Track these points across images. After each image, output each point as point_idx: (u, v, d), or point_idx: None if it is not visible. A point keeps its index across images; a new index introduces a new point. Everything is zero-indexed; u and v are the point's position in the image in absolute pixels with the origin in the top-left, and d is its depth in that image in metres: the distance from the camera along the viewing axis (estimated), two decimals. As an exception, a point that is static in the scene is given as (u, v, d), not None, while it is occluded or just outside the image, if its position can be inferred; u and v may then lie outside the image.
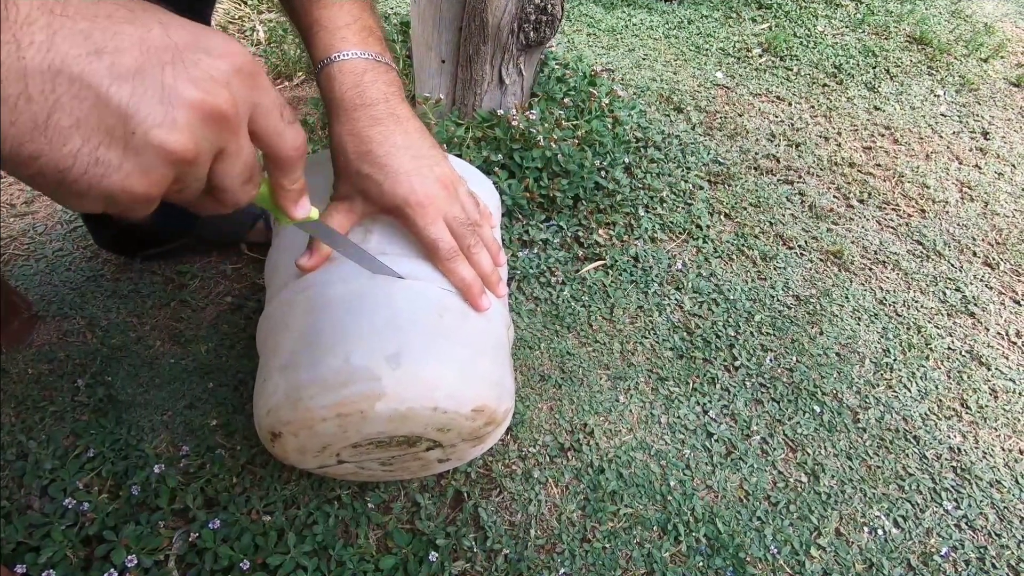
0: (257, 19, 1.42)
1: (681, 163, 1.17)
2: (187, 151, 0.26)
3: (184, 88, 0.26)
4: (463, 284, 0.52)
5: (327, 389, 0.47)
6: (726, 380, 0.83)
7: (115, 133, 0.24)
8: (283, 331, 0.51)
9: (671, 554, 0.65)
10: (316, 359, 0.48)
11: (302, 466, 0.56)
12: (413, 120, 0.52)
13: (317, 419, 0.48)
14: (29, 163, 0.24)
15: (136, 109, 0.24)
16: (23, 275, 0.80)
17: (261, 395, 0.51)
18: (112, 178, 0.25)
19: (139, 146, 0.25)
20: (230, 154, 0.29)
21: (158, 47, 0.25)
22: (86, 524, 0.59)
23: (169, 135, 0.25)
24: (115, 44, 0.24)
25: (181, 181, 0.28)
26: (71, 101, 0.23)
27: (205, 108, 0.26)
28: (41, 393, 0.69)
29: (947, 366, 0.90)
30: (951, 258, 1.09)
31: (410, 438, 0.53)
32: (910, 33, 1.79)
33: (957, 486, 0.76)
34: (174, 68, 0.25)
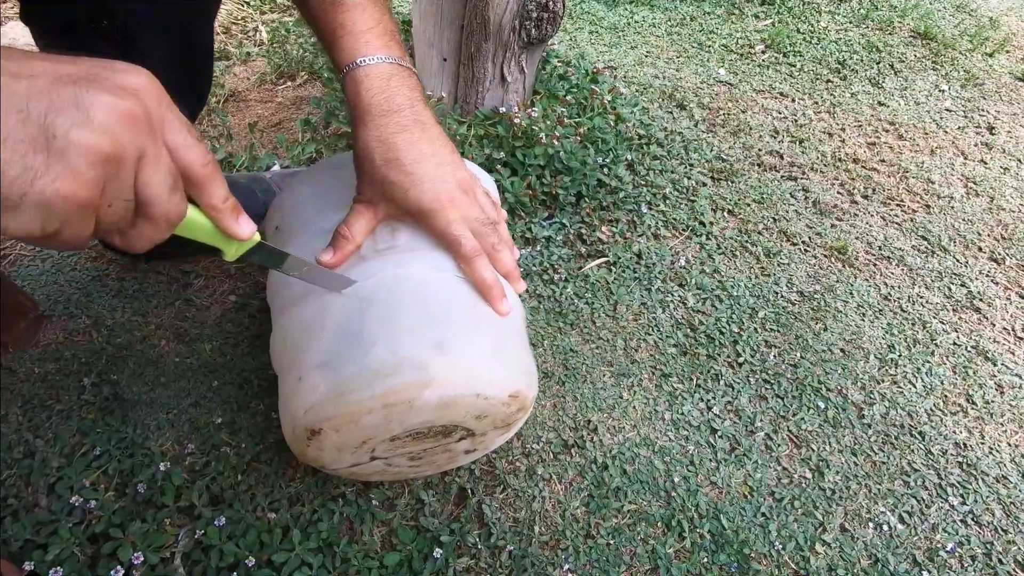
0: (260, 20, 1.42)
1: (684, 160, 1.17)
2: (107, 147, 0.28)
3: (96, 95, 0.28)
4: (485, 285, 0.53)
5: (375, 380, 0.47)
6: (730, 376, 0.82)
7: (37, 142, 0.26)
8: (317, 332, 0.51)
9: (675, 550, 0.65)
10: (361, 353, 0.48)
11: (333, 466, 0.56)
12: (436, 126, 0.53)
13: (363, 411, 0.48)
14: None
15: (54, 117, 0.27)
16: (29, 275, 0.81)
17: (296, 395, 0.50)
18: (42, 181, 0.27)
19: (61, 148, 0.27)
20: (151, 158, 0.30)
21: (69, 72, 0.28)
22: (93, 522, 0.59)
23: (88, 133, 0.27)
24: (30, 71, 0.27)
25: (109, 190, 0.29)
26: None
27: (120, 110, 0.28)
28: (47, 392, 0.69)
29: (952, 362, 0.90)
30: (956, 253, 1.09)
31: (447, 427, 0.54)
32: (914, 28, 1.78)
33: (963, 482, 0.76)
34: (87, 83, 0.28)
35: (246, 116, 1.14)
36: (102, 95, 0.28)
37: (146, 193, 0.31)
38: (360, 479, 0.63)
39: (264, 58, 1.29)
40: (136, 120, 0.29)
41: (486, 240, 0.54)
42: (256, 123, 1.10)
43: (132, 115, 0.29)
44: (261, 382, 0.72)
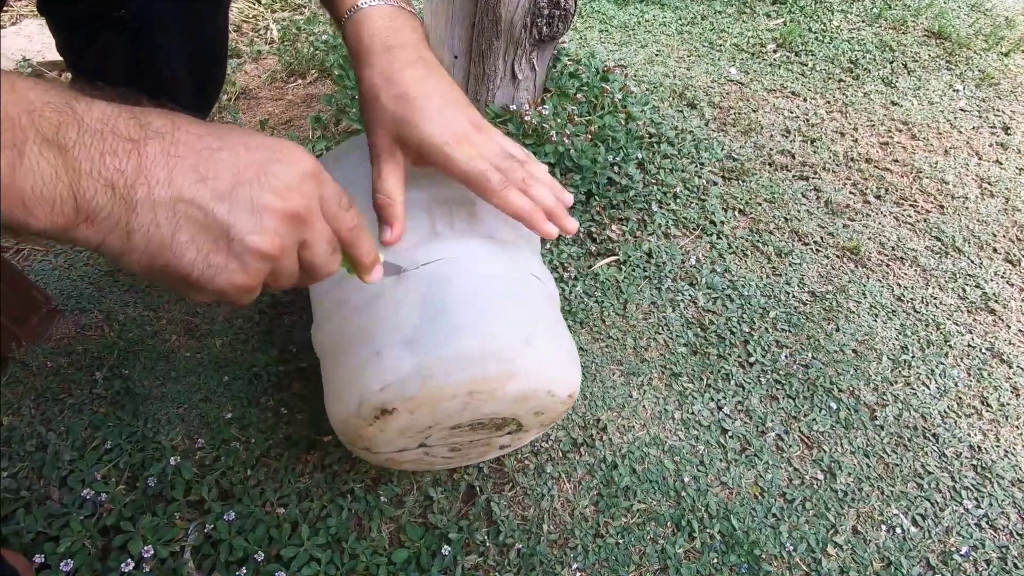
0: (271, 18, 1.43)
1: (695, 159, 1.16)
2: (274, 249, 0.32)
3: (268, 199, 0.32)
4: (523, 212, 0.48)
5: (465, 366, 0.47)
6: (740, 376, 0.82)
7: (219, 242, 0.31)
8: (396, 307, 0.49)
9: (685, 550, 0.65)
10: (450, 336, 0.47)
11: (382, 449, 0.53)
12: (440, 66, 0.51)
13: (447, 396, 0.48)
14: (162, 272, 0.31)
15: (233, 222, 0.31)
16: (42, 270, 0.81)
17: (371, 371, 0.48)
18: (221, 277, 0.31)
19: (238, 251, 0.31)
20: (311, 242, 0.35)
21: (245, 166, 0.32)
22: (104, 515, 0.60)
23: (260, 239, 0.32)
24: (214, 171, 0.31)
25: (275, 272, 0.34)
26: (186, 222, 0.30)
27: (286, 213, 0.32)
28: (60, 386, 0.69)
29: (967, 363, 0.89)
30: (971, 254, 1.07)
31: (506, 420, 0.54)
32: (928, 27, 1.76)
33: (978, 485, 0.75)
34: (259, 183, 0.32)
35: (257, 113, 1.14)
36: (273, 199, 0.32)
37: (310, 262, 0.36)
38: (392, 467, 0.61)
39: (275, 56, 1.29)
40: (299, 219, 0.33)
41: (514, 175, 0.49)
42: (267, 120, 1.11)
43: (296, 216, 0.33)
44: (270, 378, 0.73)
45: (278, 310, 0.80)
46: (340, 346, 0.52)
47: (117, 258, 0.30)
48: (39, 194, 0.26)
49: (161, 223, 0.29)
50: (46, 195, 0.26)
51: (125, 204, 0.28)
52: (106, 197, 0.28)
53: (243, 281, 0.32)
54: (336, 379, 0.52)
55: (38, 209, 0.26)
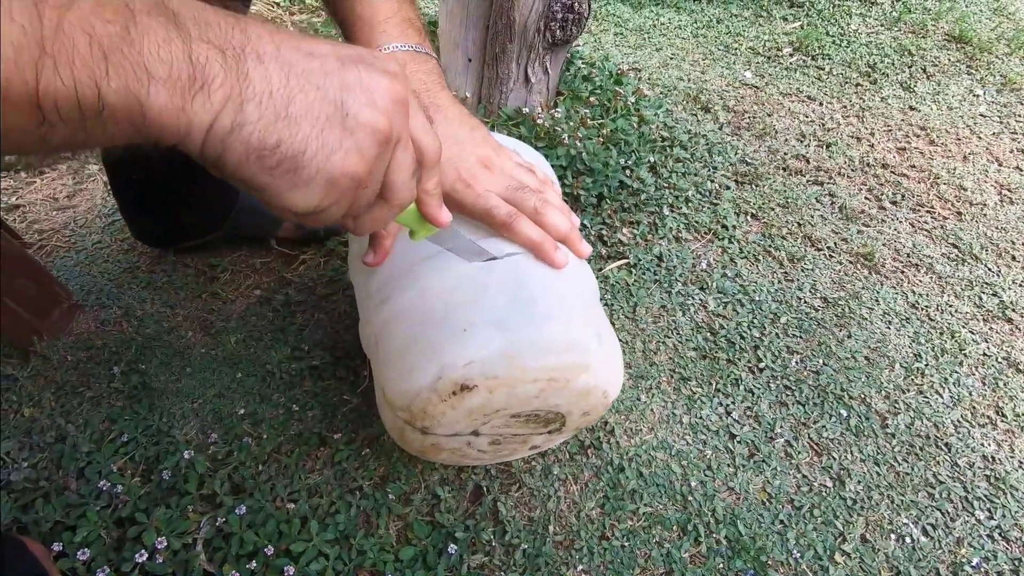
0: (288, 20, 1.45)
1: (708, 163, 1.16)
2: (387, 128, 0.30)
3: (378, 78, 0.31)
4: (531, 243, 0.51)
5: (549, 352, 0.48)
6: (750, 381, 0.81)
7: (333, 118, 0.29)
8: (483, 289, 0.50)
9: (691, 555, 0.65)
10: (538, 322, 0.48)
11: (440, 431, 0.53)
12: (454, 106, 0.53)
13: (528, 379, 0.49)
14: (273, 152, 0.28)
15: (346, 96, 0.29)
16: (64, 266, 0.83)
17: (458, 346, 0.48)
18: (335, 157, 0.29)
19: (352, 126, 0.29)
20: (404, 142, 0.33)
21: (348, 54, 0.31)
22: (119, 506, 0.61)
23: (374, 115, 0.30)
24: (320, 51, 0.30)
25: (375, 169, 0.31)
26: (299, 94, 0.28)
27: (394, 94, 0.31)
28: (79, 379, 0.71)
29: (982, 372, 0.88)
30: (988, 262, 1.06)
31: (558, 416, 0.56)
32: (949, 31, 1.74)
33: (990, 495, 0.74)
34: (366, 65, 0.31)
35: (274, 114, 1.16)
36: (382, 78, 0.31)
37: (394, 177, 0.33)
38: (428, 455, 0.60)
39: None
40: (403, 104, 0.32)
41: (526, 205, 0.51)
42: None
43: (402, 99, 0.32)
44: (283, 375, 0.74)
45: (291, 308, 0.81)
46: (415, 324, 0.51)
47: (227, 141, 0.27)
48: (157, 56, 0.24)
49: (275, 93, 0.28)
50: (163, 56, 0.24)
51: (237, 71, 0.27)
52: (218, 62, 0.26)
53: (355, 165, 0.30)
54: (405, 353, 0.51)
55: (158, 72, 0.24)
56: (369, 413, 0.71)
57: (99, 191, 0.96)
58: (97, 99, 0.23)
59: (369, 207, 0.34)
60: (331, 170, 0.29)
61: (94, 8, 0.23)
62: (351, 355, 0.76)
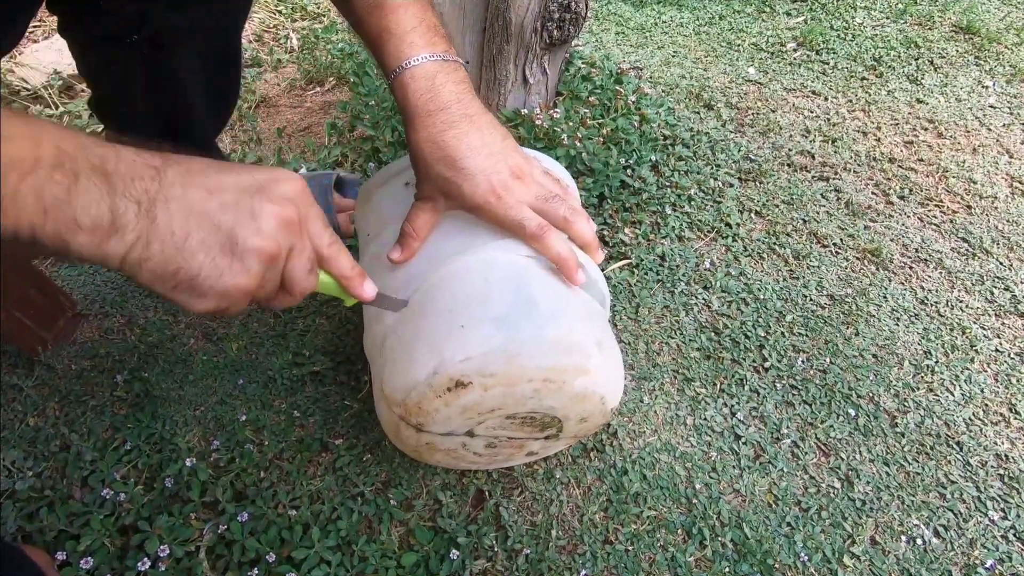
0: (291, 27, 1.45)
1: (710, 161, 1.15)
2: (272, 249, 0.37)
3: (267, 207, 0.37)
4: (560, 258, 0.52)
5: (549, 353, 0.49)
6: (755, 381, 0.80)
7: (225, 247, 0.36)
8: (484, 285, 0.51)
9: (696, 559, 0.64)
10: (539, 322, 0.49)
11: (435, 429, 0.53)
12: (484, 115, 0.53)
13: (524, 378, 0.49)
14: (172, 276, 0.35)
15: (237, 227, 0.36)
16: (68, 275, 0.84)
17: (456, 341, 0.48)
18: (225, 277, 0.36)
19: (241, 252, 0.36)
20: (297, 250, 0.39)
21: (248, 185, 0.37)
22: (123, 514, 0.61)
23: (260, 240, 0.36)
24: (220, 188, 0.36)
25: (267, 279, 0.38)
26: (196, 231, 0.35)
27: (282, 217, 0.38)
28: (83, 388, 0.72)
29: (994, 369, 0.86)
30: (1000, 256, 1.04)
31: (554, 421, 0.56)
32: (956, 22, 1.71)
33: (1004, 495, 0.72)
34: (259, 196, 0.37)
35: (276, 121, 1.16)
36: (270, 206, 0.37)
37: (291, 276, 0.40)
38: (422, 456, 0.60)
39: (295, 64, 1.32)
40: (291, 225, 0.38)
41: (555, 214, 0.53)
42: (285, 128, 1.13)
43: (289, 221, 0.38)
44: (284, 381, 0.74)
45: (292, 315, 0.81)
46: (420, 321, 0.52)
47: (137, 268, 0.34)
48: (88, 212, 0.31)
49: (176, 231, 0.34)
50: (92, 212, 0.31)
51: (148, 217, 0.33)
52: (133, 212, 0.33)
53: (244, 282, 0.36)
54: (407, 349, 0.51)
55: (85, 224, 0.31)
56: (370, 419, 0.71)
57: (103, 201, 0.96)
58: (32, 237, 0.30)
59: (273, 298, 0.41)
60: (223, 287, 0.36)
61: (49, 173, 0.30)
62: (352, 360, 0.76)
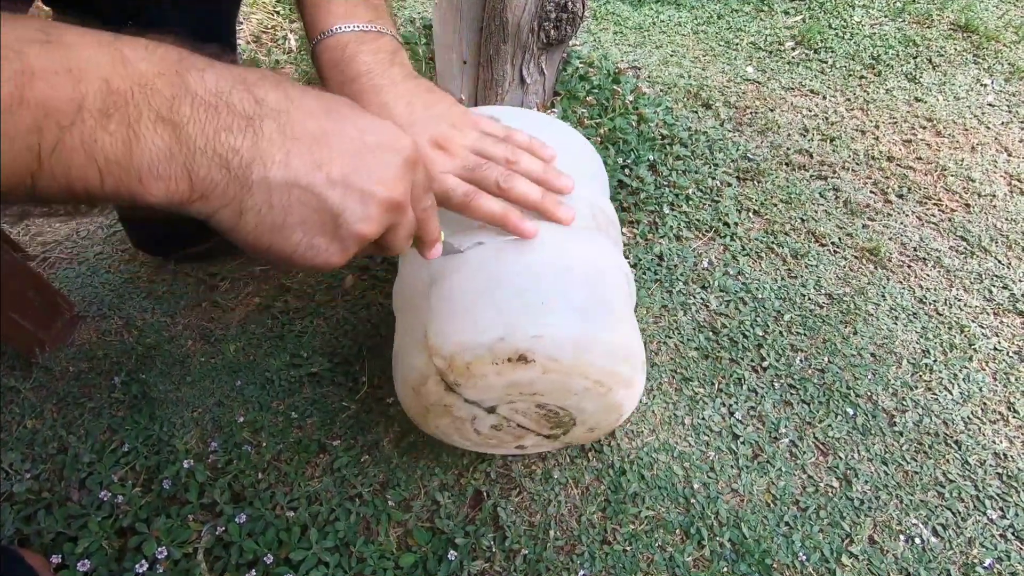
0: (289, 28, 1.45)
1: (708, 160, 1.14)
2: (374, 233, 0.34)
3: (377, 189, 0.33)
4: (493, 218, 0.48)
5: (611, 356, 0.50)
6: (753, 381, 0.80)
7: (327, 226, 0.32)
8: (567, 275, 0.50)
9: (694, 558, 0.64)
10: (614, 325, 0.50)
11: (464, 391, 0.51)
12: (403, 83, 0.49)
13: (582, 374, 0.49)
14: (264, 251, 0.31)
15: (343, 209, 0.32)
16: (66, 277, 0.84)
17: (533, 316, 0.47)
18: (320, 257, 0.33)
19: (343, 235, 0.33)
20: (400, 226, 0.36)
21: (356, 152, 0.32)
22: (120, 516, 0.61)
23: (366, 226, 0.33)
24: (328, 156, 0.31)
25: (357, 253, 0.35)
26: (299, 205, 0.30)
27: (390, 202, 0.34)
28: (81, 390, 0.72)
29: (993, 367, 0.86)
30: (998, 254, 1.04)
31: (569, 423, 0.57)
32: (954, 20, 1.71)
33: (1003, 494, 0.72)
34: (368, 172, 0.32)
35: (273, 122, 1.16)
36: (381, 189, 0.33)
37: (389, 244, 0.37)
38: (424, 420, 0.57)
39: (293, 65, 1.32)
40: (398, 207, 0.35)
41: (487, 181, 0.48)
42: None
43: (397, 205, 0.34)
44: (282, 382, 0.74)
45: (290, 316, 0.81)
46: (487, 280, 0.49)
47: (225, 232, 0.30)
48: (155, 173, 0.26)
49: (274, 205, 0.29)
50: (161, 173, 0.26)
51: (240, 183, 0.28)
52: (220, 175, 0.27)
53: (338, 261, 0.34)
54: (468, 306, 0.48)
55: (154, 187, 0.26)
56: (368, 419, 0.71)
57: (101, 202, 0.96)
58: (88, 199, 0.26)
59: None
60: (312, 264, 0.33)
61: (99, 121, 0.24)
62: (349, 361, 0.76)
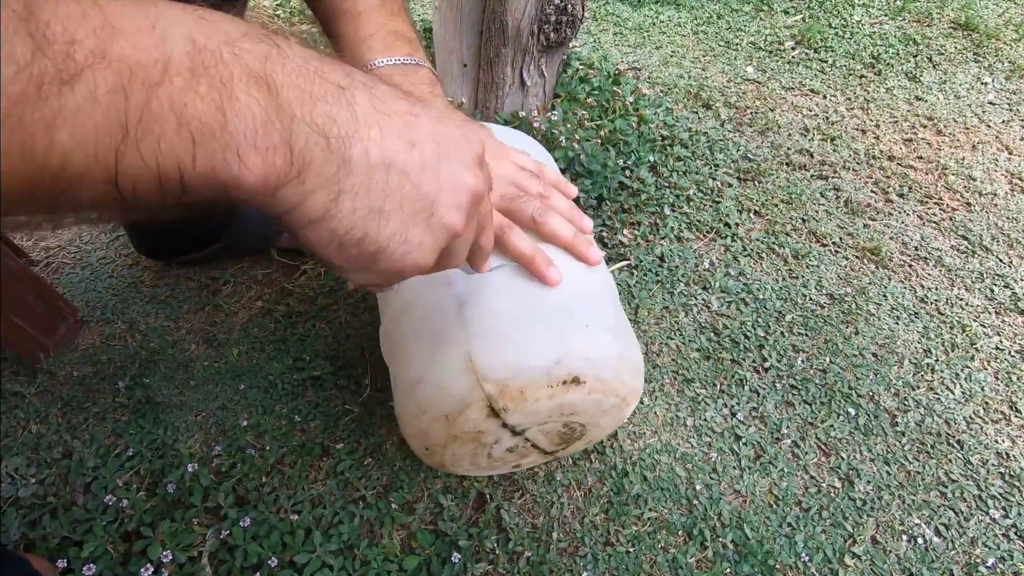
0: (290, 31, 1.46)
1: (709, 160, 1.15)
2: (461, 227, 0.30)
3: (465, 176, 0.30)
4: (523, 258, 0.48)
5: (637, 375, 0.53)
6: (755, 382, 0.80)
7: (421, 215, 0.28)
8: (597, 297, 0.51)
9: (697, 560, 0.64)
10: (635, 343, 0.54)
11: (511, 418, 0.49)
12: (446, 112, 0.50)
13: (616, 392, 0.51)
14: (355, 245, 0.27)
15: (439, 194, 0.29)
16: (70, 282, 0.85)
17: (582, 340, 0.48)
18: (411, 255, 0.29)
19: (436, 224, 0.29)
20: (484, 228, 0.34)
21: (442, 137, 0.29)
22: (125, 520, 0.61)
23: (457, 216, 0.30)
24: (419, 138, 0.28)
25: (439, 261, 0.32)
26: (397, 191, 0.27)
27: (476, 193, 0.31)
28: (85, 394, 0.72)
29: (994, 367, 0.86)
30: (1000, 253, 1.04)
31: (572, 439, 0.58)
32: (954, 19, 1.71)
33: (1005, 493, 0.72)
34: (456, 158, 0.30)
35: (274, 125, 1.16)
36: (467, 175, 0.30)
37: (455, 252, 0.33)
38: (443, 451, 0.55)
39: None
40: (483, 199, 0.32)
41: (522, 216, 0.48)
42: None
43: (481, 196, 0.32)
44: (285, 386, 0.74)
45: (292, 319, 0.82)
46: (527, 302, 0.49)
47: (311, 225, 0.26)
48: (252, 142, 0.22)
49: (372, 188, 0.26)
50: (259, 143, 0.22)
51: (339, 159, 0.25)
52: (320, 148, 0.24)
53: (428, 260, 0.30)
54: (517, 328, 0.48)
55: (251, 158, 0.22)
56: (371, 422, 0.71)
57: (103, 207, 0.97)
58: (179, 182, 0.22)
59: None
60: (402, 267, 0.29)
61: (188, 82, 0.21)
62: (352, 364, 0.77)
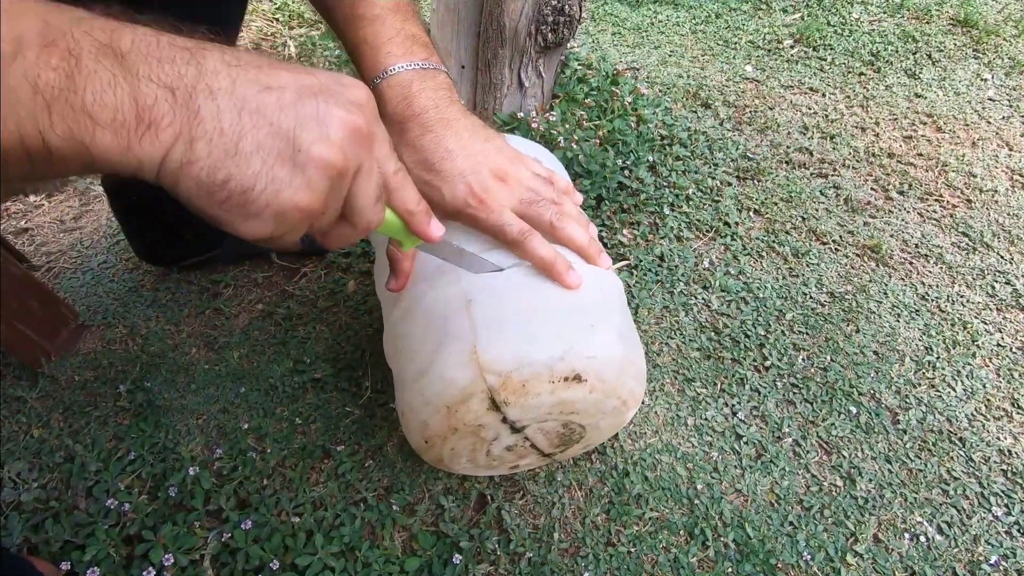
0: (288, 35, 1.46)
1: (708, 160, 1.15)
2: (339, 161, 0.31)
3: (334, 110, 0.30)
4: (543, 263, 0.50)
5: (640, 379, 0.53)
6: (756, 381, 0.80)
7: (284, 153, 0.29)
8: (603, 298, 0.52)
9: (698, 559, 0.64)
10: (639, 347, 0.54)
11: (510, 411, 0.50)
12: (464, 119, 0.52)
13: (617, 395, 0.52)
14: (221, 187, 0.28)
15: (299, 131, 0.29)
16: (71, 287, 0.85)
17: (587, 338, 0.48)
18: (284, 193, 0.29)
19: (303, 161, 0.30)
20: (365, 171, 0.33)
21: (308, 84, 0.31)
22: (127, 524, 0.62)
23: (326, 149, 0.30)
24: (278, 83, 0.29)
25: (330, 200, 0.32)
26: (252, 129, 0.28)
27: (351, 125, 0.31)
28: (86, 399, 0.72)
29: (996, 364, 0.86)
30: (1000, 250, 1.03)
31: (571, 442, 0.58)
32: (954, 16, 1.71)
33: (1008, 490, 0.72)
34: (325, 97, 0.31)
35: (274, 129, 1.17)
36: (338, 110, 0.31)
37: (356, 203, 0.34)
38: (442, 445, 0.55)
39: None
40: (361, 136, 0.32)
41: (541, 219, 0.51)
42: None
43: (359, 131, 0.32)
44: (286, 389, 0.74)
45: (293, 322, 0.82)
46: (532, 299, 0.50)
47: (178, 174, 0.28)
48: (101, 101, 0.25)
49: (225, 130, 0.28)
50: (107, 101, 0.25)
51: (187, 110, 0.27)
52: (167, 102, 0.26)
53: (305, 200, 0.30)
54: (522, 323, 0.49)
55: (102, 117, 0.25)
56: (371, 424, 0.71)
57: (105, 212, 0.97)
58: (43, 146, 0.24)
59: (333, 227, 0.35)
60: (280, 204, 0.30)
61: (39, 55, 0.23)
62: (352, 367, 0.77)
